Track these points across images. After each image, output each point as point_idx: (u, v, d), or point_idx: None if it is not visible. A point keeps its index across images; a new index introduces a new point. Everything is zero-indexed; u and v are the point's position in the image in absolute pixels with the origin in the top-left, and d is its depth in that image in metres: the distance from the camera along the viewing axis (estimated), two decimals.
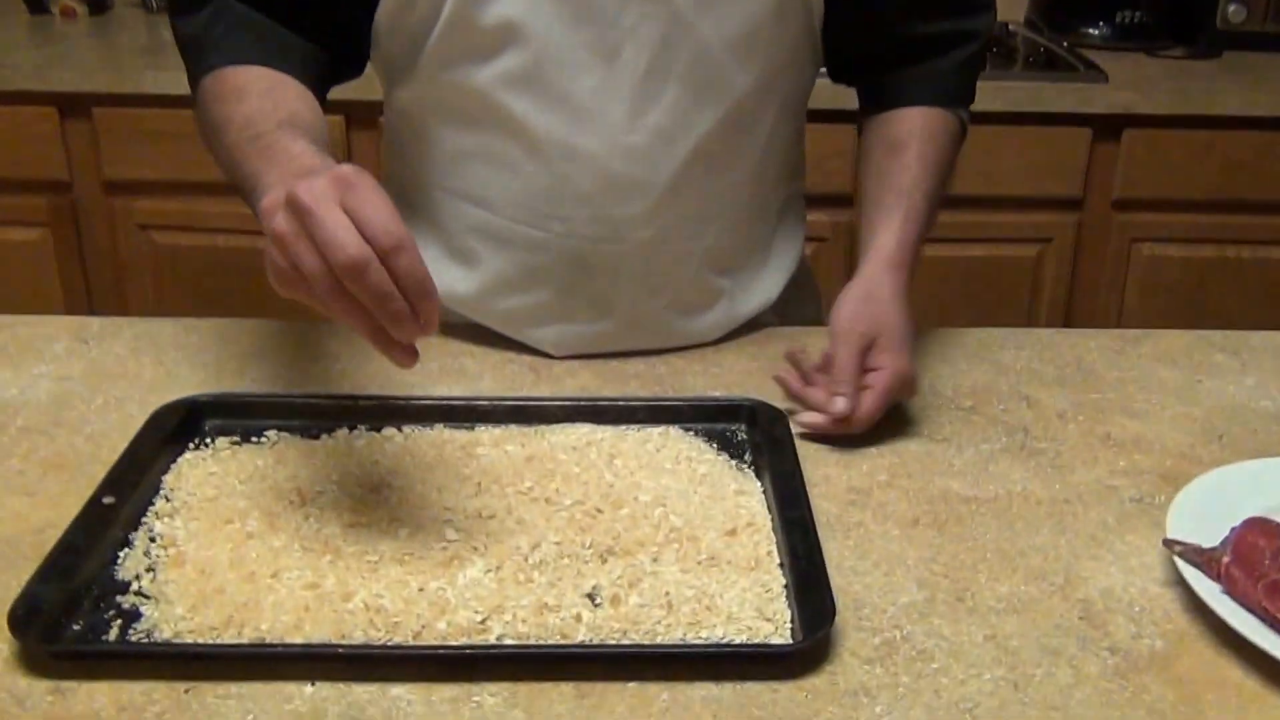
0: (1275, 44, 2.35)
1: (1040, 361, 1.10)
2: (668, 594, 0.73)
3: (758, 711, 0.66)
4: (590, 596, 0.73)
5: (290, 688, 0.67)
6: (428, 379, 1.03)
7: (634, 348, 1.08)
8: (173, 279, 2.17)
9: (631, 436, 0.93)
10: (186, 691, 0.66)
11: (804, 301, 1.23)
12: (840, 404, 0.91)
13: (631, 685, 0.67)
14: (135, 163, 2.10)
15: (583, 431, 0.93)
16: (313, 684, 0.67)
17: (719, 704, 0.66)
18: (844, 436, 0.93)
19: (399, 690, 0.67)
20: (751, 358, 1.09)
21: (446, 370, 1.06)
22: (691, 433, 0.94)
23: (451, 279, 1.08)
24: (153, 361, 1.06)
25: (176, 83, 2.00)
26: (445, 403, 0.97)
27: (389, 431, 0.93)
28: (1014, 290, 2.21)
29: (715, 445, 0.93)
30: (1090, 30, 2.37)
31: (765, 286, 1.14)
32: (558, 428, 0.94)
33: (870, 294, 0.96)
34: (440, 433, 0.93)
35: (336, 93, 1.03)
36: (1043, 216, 2.15)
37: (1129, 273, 2.18)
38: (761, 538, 0.79)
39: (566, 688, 0.67)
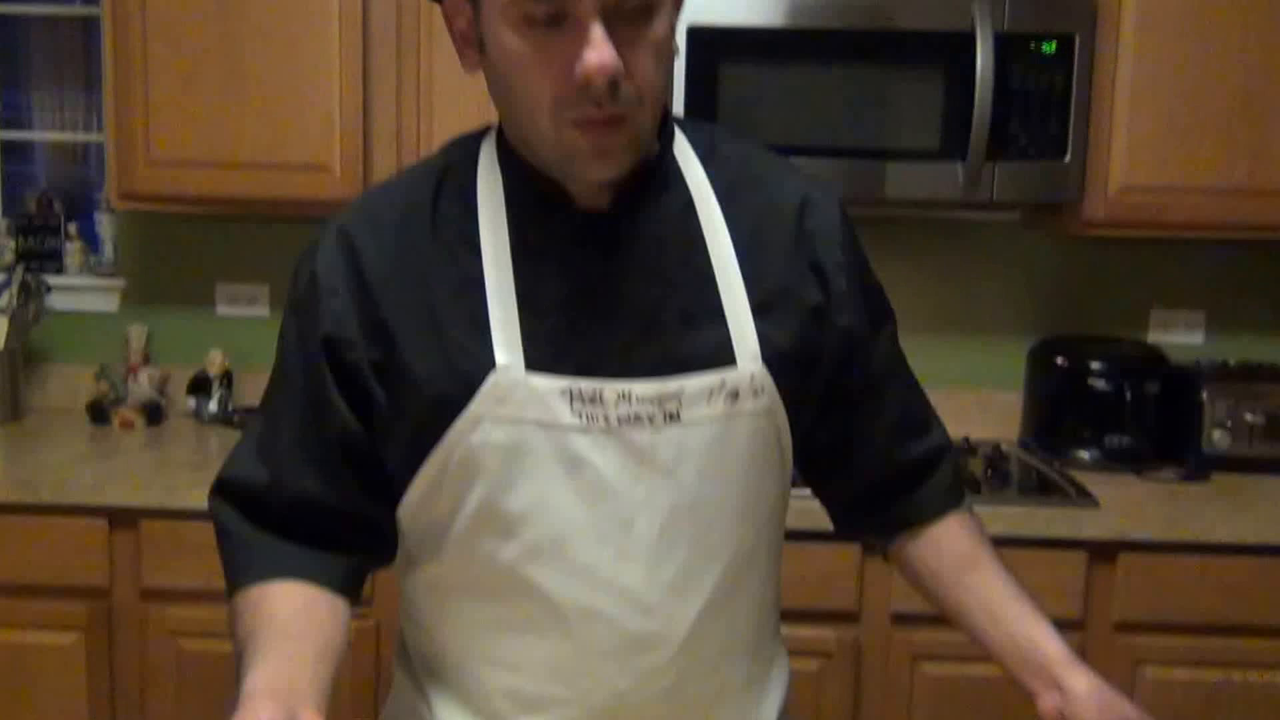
0: (1262, 467, 2.47)
1: None
2: None
3: None
4: None
5: None
6: None
7: None
8: (195, 686, 2.22)
9: None
10: None
11: None
12: None
13: None
14: (174, 571, 2.20)
15: None
16: None
17: None
18: None
19: None
20: None
21: None
22: None
23: None
24: None
25: None
26: None
27: None
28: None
29: None
30: (1082, 453, 2.51)
31: (767, 709, 1.19)
32: None
33: (1096, 687, 1.04)
34: None
35: None
36: None
37: (1135, 696, 2.16)
38: None
39: None
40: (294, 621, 1.01)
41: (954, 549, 1.18)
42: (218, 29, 2.39)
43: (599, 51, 0.92)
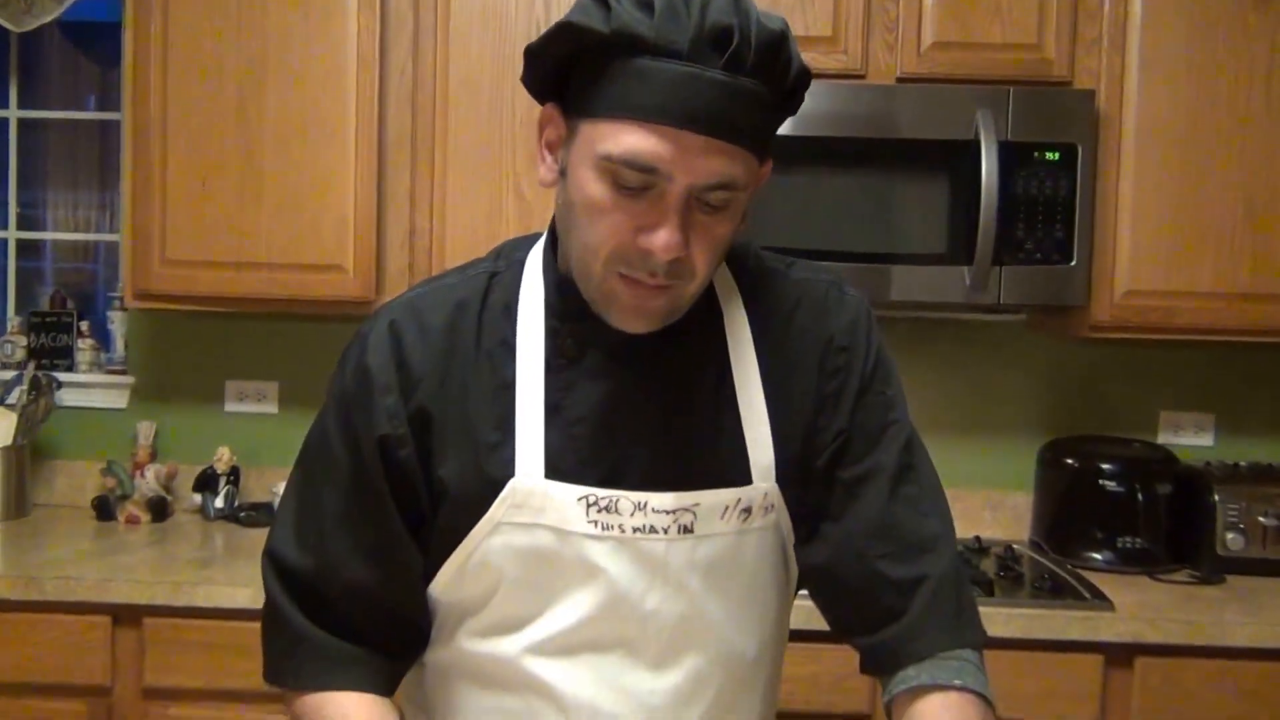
0: (1276, 569, 2.45)
1: None
2: None
3: None
4: None
5: None
6: None
7: None
8: None
9: None
10: None
11: None
12: None
13: None
14: (176, 670, 2.18)
15: None
16: None
17: None
18: None
19: None
20: None
21: None
22: None
23: None
24: None
25: (223, 596, 2.15)
26: None
27: None
28: None
29: None
30: (1094, 554, 2.49)
31: None
32: None
33: None
34: None
35: None
36: None
37: None
38: None
39: None
40: None
41: None
42: (236, 134, 2.45)
43: (670, 234, 0.97)
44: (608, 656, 1.06)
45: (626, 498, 1.05)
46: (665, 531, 1.05)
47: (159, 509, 2.66)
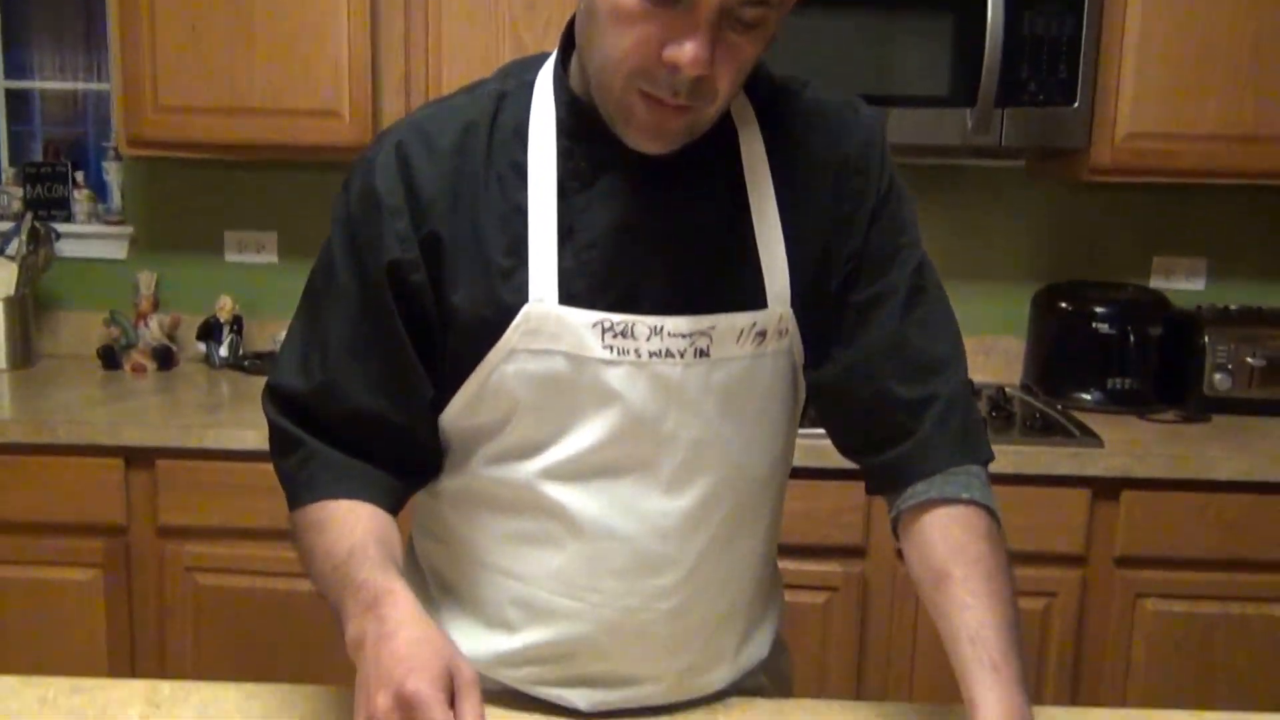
0: (1261, 408, 2.51)
1: None
2: None
3: None
4: None
5: None
6: None
7: (651, 703, 1.15)
8: (212, 619, 2.26)
9: None
10: None
11: (778, 654, 1.31)
12: None
13: None
14: (189, 509, 2.24)
15: None
16: None
17: None
18: None
19: None
20: None
21: None
22: None
23: (488, 645, 1.15)
24: None
25: (232, 438, 2.19)
26: None
27: None
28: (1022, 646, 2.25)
29: None
30: (1084, 395, 2.54)
31: (761, 642, 1.23)
32: None
33: None
34: None
35: None
36: (1047, 572, 2.23)
37: (1134, 629, 2.23)
38: None
39: None
40: (394, 547, 1.05)
41: (930, 556, 1.07)
42: None
43: (699, 48, 0.93)
44: (622, 480, 1.08)
45: (642, 322, 1.04)
46: (681, 355, 1.06)
47: (164, 358, 2.69)
